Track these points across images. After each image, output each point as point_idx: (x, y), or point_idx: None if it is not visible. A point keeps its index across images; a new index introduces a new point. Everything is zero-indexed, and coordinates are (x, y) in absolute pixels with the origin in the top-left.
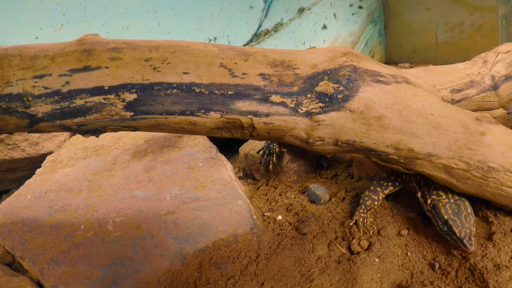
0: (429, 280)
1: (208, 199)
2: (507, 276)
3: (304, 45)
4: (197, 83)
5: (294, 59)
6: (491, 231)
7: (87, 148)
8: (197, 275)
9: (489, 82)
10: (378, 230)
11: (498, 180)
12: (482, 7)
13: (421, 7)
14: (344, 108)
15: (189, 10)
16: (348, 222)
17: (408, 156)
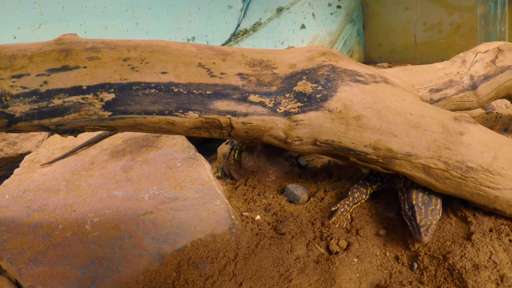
0: (407, 280)
1: (186, 199)
2: (486, 276)
3: (282, 45)
4: (176, 82)
5: (272, 59)
6: (470, 231)
7: (65, 148)
8: (175, 275)
9: (468, 82)
10: (357, 230)
11: (476, 180)
12: (460, 7)
13: (399, 6)
14: (322, 108)
15: (168, 9)
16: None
17: (387, 156)
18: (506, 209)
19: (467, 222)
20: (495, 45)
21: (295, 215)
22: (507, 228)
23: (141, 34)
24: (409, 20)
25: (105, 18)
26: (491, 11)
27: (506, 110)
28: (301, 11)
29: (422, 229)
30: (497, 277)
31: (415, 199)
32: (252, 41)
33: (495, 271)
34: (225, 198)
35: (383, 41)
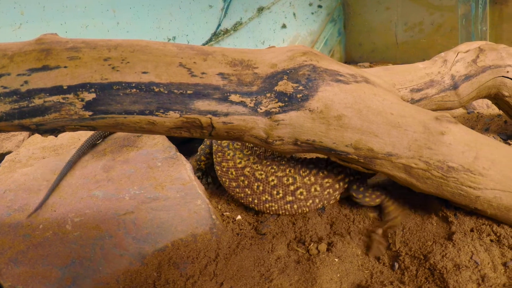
0: (389, 280)
1: (167, 199)
2: (467, 276)
3: (263, 45)
4: (156, 82)
5: (253, 59)
6: (451, 231)
7: (46, 147)
8: (156, 275)
9: (449, 82)
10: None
11: (458, 179)
12: (442, 7)
13: (380, 6)
14: (303, 108)
15: (148, 9)
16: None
17: (368, 156)
18: (487, 209)
19: (448, 222)
20: (476, 44)
21: (276, 215)
22: (488, 228)
23: (122, 33)
24: (390, 19)
25: (85, 18)
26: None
27: (487, 110)
28: (282, 11)
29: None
30: (478, 277)
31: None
32: (233, 41)
33: (476, 271)
34: (206, 198)
35: (364, 41)
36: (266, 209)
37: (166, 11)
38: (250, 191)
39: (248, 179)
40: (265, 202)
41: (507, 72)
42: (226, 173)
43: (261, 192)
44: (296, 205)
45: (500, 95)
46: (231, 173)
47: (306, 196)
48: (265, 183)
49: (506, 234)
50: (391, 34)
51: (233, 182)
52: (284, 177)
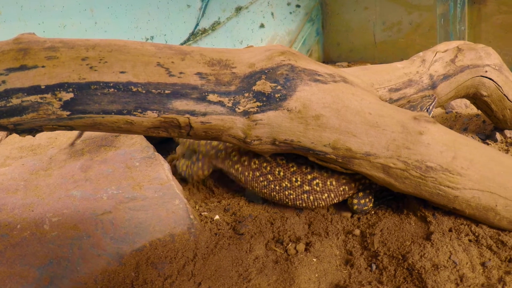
0: (367, 280)
1: (145, 199)
2: (445, 276)
3: (241, 44)
4: (134, 82)
5: (231, 58)
6: (429, 231)
7: (23, 147)
8: (134, 275)
9: (427, 81)
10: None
11: (436, 179)
12: (420, 6)
13: (359, 6)
14: (281, 108)
15: (126, 9)
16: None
17: (346, 156)
18: (466, 209)
19: (427, 222)
20: (455, 44)
21: (254, 215)
22: (466, 228)
23: (100, 33)
24: (368, 19)
25: (63, 18)
26: (451, 10)
27: (465, 110)
28: (260, 11)
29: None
30: (457, 277)
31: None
32: (211, 41)
33: (455, 271)
34: (184, 198)
35: (342, 41)
36: (286, 197)
37: (144, 10)
38: (272, 177)
39: (270, 164)
40: (285, 189)
41: (485, 72)
42: (248, 166)
43: (281, 177)
44: (312, 197)
45: (478, 95)
46: (254, 163)
47: (322, 188)
48: (286, 168)
49: (484, 234)
50: (369, 33)
51: (257, 172)
52: (303, 165)
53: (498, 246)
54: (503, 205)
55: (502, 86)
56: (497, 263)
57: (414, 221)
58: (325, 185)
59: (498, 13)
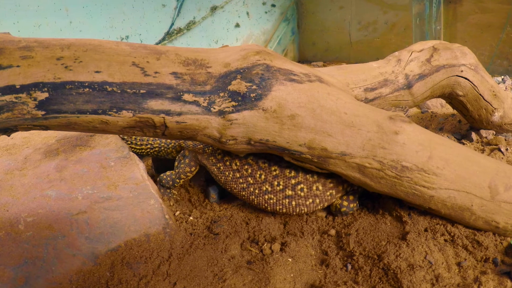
0: (342, 280)
1: (120, 199)
2: (421, 276)
3: (216, 44)
4: (109, 82)
5: (206, 58)
6: (405, 231)
7: None
8: (109, 275)
9: (403, 81)
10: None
11: (412, 179)
12: (395, 6)
13: (334, 5)
14: (257, 107)
15: (101, 8)
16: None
17: (322, 155)
18: (441, 208)
19: (402, 222)
20: (431, 44)
21: (229, 215)
22: (442, 228)
23: (75, 33)
24: (344, 18)
25: (38, 17)
26: (426, 10)
27: (441, 109)
28: (236, 10)
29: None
30: (432, 277)
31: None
32: (186, 40)
33: (430, 271)
34: (159, 197)
35: (318, 40)
36: (265, 201)
37: (119, 10)
38: (253, 180)
39: (252, 167)
40: (265, 193)
41: (461, 72)
42: (229, 167)
43: (262, 181)
44: (294, 202)
45: (454, 95)
46: (235, 164)
47: (306, 194)
48: (268, 172)
49: (460, 234)
50: (345, 33)
51: (237, 173)
52: (286, 168)
53: (474, 246)
54: (478, 205)
55: (478, 86)
56: (472, 263)
57: (390, 221)
58: (311, 191)
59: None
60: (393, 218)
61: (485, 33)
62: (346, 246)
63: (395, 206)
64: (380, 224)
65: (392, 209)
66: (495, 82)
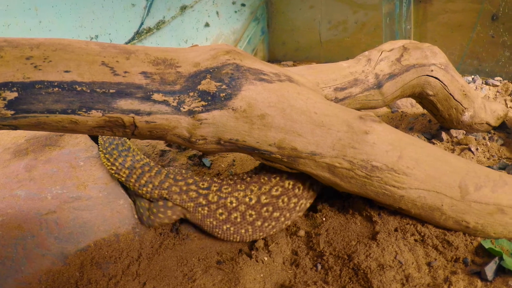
0: (312, 280)
1: (89, 198)
2: (391, 276)
3: (186, 43)
4: (79, 81)
5: (176, 57)
6: (375, 231)
7: None
8: (78, 275)
9: (373, 81)
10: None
11: (382, 179)
12: (366, 5)
13: (304, 5)
14: (226, 107)
15: (71, 8)
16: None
17: (292, 155)
18: (412, 208)
19: (372, 222)
20: (401, 43)
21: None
22: (412, 228)
23: (44, 32)
24: (313, 18)
25: (7, 17)
26: (396, 9)
27: (411, 109)
28: (205, 10)
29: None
30: (402, 277)
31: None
32: (156, 40)
33: (400, 271)
34: (128, 197)
35: (288, 40)
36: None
37: (88, 9)
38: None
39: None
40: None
41: (431, 71)
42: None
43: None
44: (233, 228)
45: (424, 94)
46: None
47: (254, 218)
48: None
49: (430, 234)
50: (315, 32)
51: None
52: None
53: (444, 246)
54: (449, 205)
55: (448, 85)
56: (443, 263)
57: (360, 221)
58: (260, 215)
59: (444, 12)
60: (363, 218)
61: (455, 32)
62: (316, 246)
63: (365, 206)
64: (350, 224)
65: (362, 209)
66: (466, 81)
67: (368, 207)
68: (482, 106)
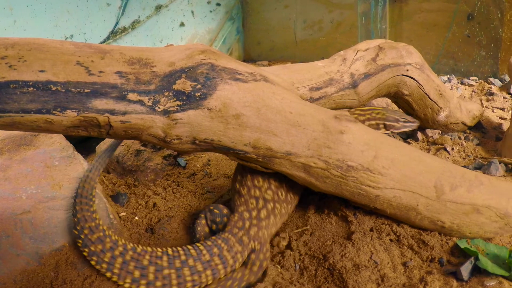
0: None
1: (64, 198)
2: (367, 276)
3: (161, 43)
4: (54, 81)
5: (151, 57)
6: (351, 231)
7: None
8: (53, 275)
9: (348, 80)
10: None
11: (357, 179)
12: (341, 5)
13: (279, 4)
14: (202, 107)
15: (46, 7)
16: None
17: (267, 155)
18: (387, 208)
19: (348, 222)
20: (376, 43)
21: (171, 215)
22: (387, 228)
23: (19, 32)
24: (289, 17)
25: None
26: (372, 8)
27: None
28: (180, 9)
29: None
30: (378, 277)
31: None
32: (131, 39)
33: (376, 271)
34: (103, 197)
35: (263, 39)
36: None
37: (63, 9)
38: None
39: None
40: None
41: (406, 71)
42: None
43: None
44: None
45: (399, 94)
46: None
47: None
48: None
49: (405, 234)
50: (290, 32)
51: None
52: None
53: (420, 246)
54: (424, 205)
55: (424, 85)
56: (418, 263)
57: (335, 221)
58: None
59: (420, 12)
60: (339, 218)
61: (431, 32)
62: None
63: (340, 206)
64: (326, 224)
65: (338, 209)
66: (441, 81)
67: (343, 207)
68: (458, 105)
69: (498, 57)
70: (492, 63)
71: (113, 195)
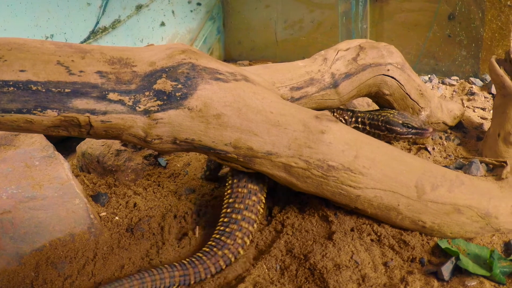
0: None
1: (45, 198)
2: (347, 276)
3: (142, 43)
4: (34, 80)
5: (132, 57)
6: (331, 231)
7: None
8: (34, 275)
9: (329, 80)
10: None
11: (338, 179)
12: (322, 4)
13: (260, 4)
14: (182, 106)
15: (26, 7)
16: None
17: (247, 155)
18: (368, 208)
19: (329, 222)
20: (357, 42)
21: (151, 215)
22: (368, 228)
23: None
24: (269, 17)
25: None
26: (353, 8)
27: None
28: (161, 9)
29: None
30: (359, 277)
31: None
32: (112, 39)
33: (357, 271)
34: (84, 197)
35: (244, 39)
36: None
37: (43, 8)
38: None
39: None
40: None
41: (387, 71)
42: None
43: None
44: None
45: (380, 93)
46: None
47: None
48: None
49: (386, 234)
50: (270, 32)
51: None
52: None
53: (401, 246)
54: (405, 205)
55: (405, 85)
56: (399, 263)
57: (316, 221)
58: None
59: (400, 11)
60: (320, 217)
61: (412, 32)
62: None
63: (321, 206)
64: (307, 223)
65: (319, 208)
66: (422, 81)
67: (324, 206)
68: (439, 105)
69: (479, 56)
70: (473, 63)
71: (93, 195)
